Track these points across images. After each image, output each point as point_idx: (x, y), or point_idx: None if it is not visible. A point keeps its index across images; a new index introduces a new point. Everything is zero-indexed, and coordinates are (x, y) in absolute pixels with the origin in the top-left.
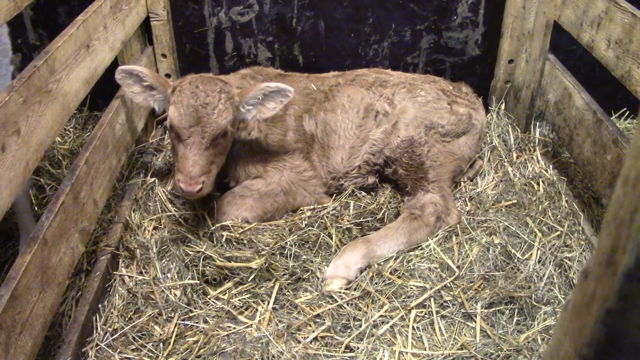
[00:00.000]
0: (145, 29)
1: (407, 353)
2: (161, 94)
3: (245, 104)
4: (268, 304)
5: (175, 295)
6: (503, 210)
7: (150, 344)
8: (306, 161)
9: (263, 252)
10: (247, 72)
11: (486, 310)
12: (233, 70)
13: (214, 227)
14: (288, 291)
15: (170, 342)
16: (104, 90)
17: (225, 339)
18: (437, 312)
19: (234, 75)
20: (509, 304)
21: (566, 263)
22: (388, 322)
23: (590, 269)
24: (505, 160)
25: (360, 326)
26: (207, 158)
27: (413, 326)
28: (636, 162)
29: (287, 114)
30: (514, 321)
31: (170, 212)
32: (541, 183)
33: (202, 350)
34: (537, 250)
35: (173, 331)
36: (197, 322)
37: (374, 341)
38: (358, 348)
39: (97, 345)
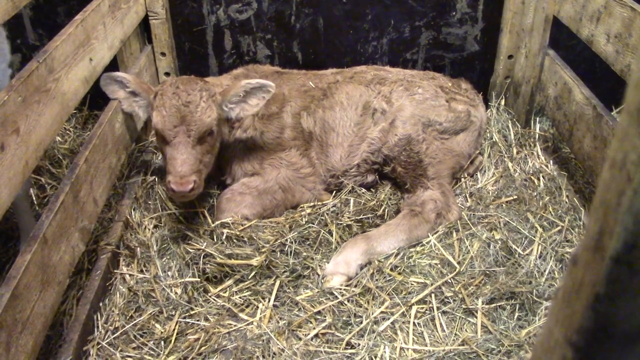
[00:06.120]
0: (144, 28)
1: (408, 349)
2: (145, 100)
3: (228, 102)
4: (269, 301)
5: (176, 293)
6: (503, 205)
7: (152, 342)
8: (304, 158)
9: (263, 250)
10: (239, 72)
11: (487, 306)
12: (232, 68)
13: (214, 225)
14: (289, 288)
15: (171, 340)
16: None
17: (226, 336)
18: (438, 308)
19: (225, 77)
20: (510, 300)
21: (567, 258)
22: (389, 319)
23: (579, 255)
24: (506, 155)
25: (361, 323)
26: (195, 157)
27: (414, 322)
28: (622, 145)
29: (284, 111)
30: (515, 316)
31: (171, 210)
32: (541, 178)
33: (203, 348)
34: (538, 245)
35: (174, 329)
36: (198, 320)
37: (375, 337)
38: (359, 344)
39: (98, 343)
